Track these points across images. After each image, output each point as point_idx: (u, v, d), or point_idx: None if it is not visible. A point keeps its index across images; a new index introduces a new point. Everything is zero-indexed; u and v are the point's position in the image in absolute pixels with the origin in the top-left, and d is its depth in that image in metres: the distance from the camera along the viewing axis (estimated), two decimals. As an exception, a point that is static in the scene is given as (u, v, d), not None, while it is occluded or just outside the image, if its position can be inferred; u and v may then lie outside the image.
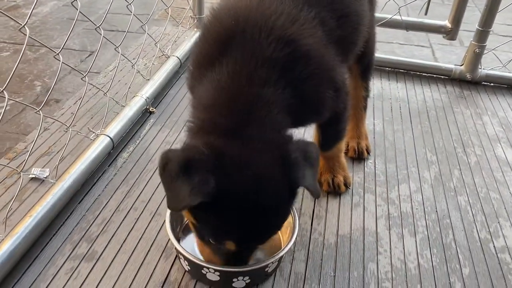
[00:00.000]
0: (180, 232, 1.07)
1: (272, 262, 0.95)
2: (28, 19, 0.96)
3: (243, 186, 0.77)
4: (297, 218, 1.04)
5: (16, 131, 1.71)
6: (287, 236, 1.04)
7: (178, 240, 1.02)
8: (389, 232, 1.15)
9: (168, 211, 1.01)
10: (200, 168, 0.74)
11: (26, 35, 0.95)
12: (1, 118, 0.92)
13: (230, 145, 0.79)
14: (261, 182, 0.78)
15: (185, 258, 0.94)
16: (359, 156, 1.39)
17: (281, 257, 0.97)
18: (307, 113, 0.96)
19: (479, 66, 1.90)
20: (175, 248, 0.96)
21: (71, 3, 1.15)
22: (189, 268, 0.96)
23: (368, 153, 1.41)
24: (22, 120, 1.78)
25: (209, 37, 0.91)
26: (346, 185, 1.27)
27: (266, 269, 0.96)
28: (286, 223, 1.01)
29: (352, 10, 1.06)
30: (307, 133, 1.46)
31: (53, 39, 2.50)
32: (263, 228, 0.83)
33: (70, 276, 0.97)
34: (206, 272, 0.91)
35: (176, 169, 0.75)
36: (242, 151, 0.79)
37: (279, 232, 1.03)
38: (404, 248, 1.11)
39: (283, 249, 0.96)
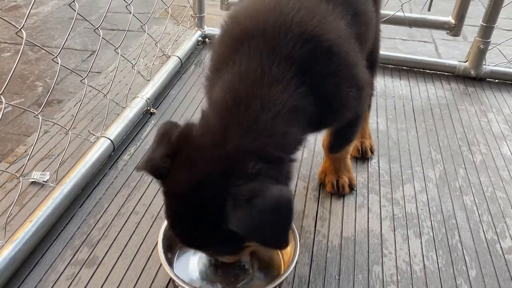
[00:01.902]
0: (175, 255, 1.00)
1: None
2: (25, 21, 0.95)
3: (177, 182, 0.76)
4: (298, 241, 0.96)
5: (17, 132, 1.70)
6: (288, 256, 0.97)
7: (172, 264, 0.97)
8: (394, 234, 1.14)
9: (161, 232, 0.94)
10: (165, 146, 0.77)
11: (23, 38, 0.94)
12: (3, 120, 0.91)
13: (194, 139, 0.77)
14: (191, 188, 0.74)
15: (178, 285, 0.87)
16: (362, 156, 1.38)
17: (281, 283, 0.90)
18: (327, 114, 0.90)
19: (484, 63, 1.87)
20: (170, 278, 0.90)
21: (69, 4, 1.13)
22: None
23: (372, 152, 1.39)
24: (23, 121, 1.77)
25: (227, 39, 0.88)
26: (351, 187, 1.25)
27: None
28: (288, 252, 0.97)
29: (363, 9, 1.04)
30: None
31: (54, 38, 2.49)
32: (184, 233, 0.79)
33: (71, 282, 0.96)
34: None
35: (156, 137, 0.80)
36: (198, 152, 0.76)
37: (280, 253, 1.01)
38: (409, 249, 1.09)
39: (282, 275, 0.90)
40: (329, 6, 0.90)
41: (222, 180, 0.72)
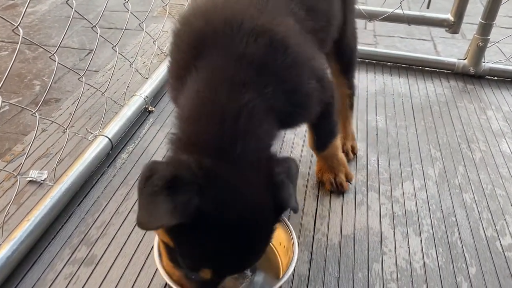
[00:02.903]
0: None
1: None
2: (22, 19, 0.94)
3: (229, 212, 0.71)
4: (296, 241, 0.96)
5: (15, 131, 1.69)
6: (286, 260, 0.96)
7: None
8: (394, 231, 1.13)
9: (157, 237, 0.90)
10: (186, 186, 0.69)
11: (20, 35, 0.93)
12: (1, 119, 0.90)
13: (218, 166, 0.73)
14: (248, 208, 0.73)
15: None
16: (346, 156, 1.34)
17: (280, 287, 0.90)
18: (296, 110, 0.89)
19: (483, 60, 1.87)
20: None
21: (66, 2, 1.12)
22: None
23: (355, 154, 1.38)
24: (21, 120, 1.76)
25: (182, 44, 0.87)
26: (349, 181, 1.25)
27: None
28: (285, 247, 0.98)
29: (319, 5, 1.02)
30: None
31: (52, 37, 2.48)
32: (245, 257, 0.77)
33: (70, 281, 0.95)
34: None
35: (161, 184, 0.68)
36: (231, 174, 0.73)
37: (278, 255, 1.01)
38: (409, 247, 1.09)
39: (281, 279, 0.89)
40: (278, 2, 0.89)
41: (267, 173, 0.76)
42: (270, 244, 0.97)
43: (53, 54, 1.07)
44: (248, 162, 0.75)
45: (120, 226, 1.09)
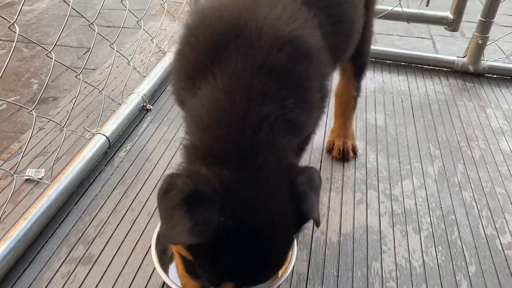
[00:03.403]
0: (168, 258, 0.96)
1: None
2: (18, 15, 0.93)
3: (252, 228, 0.69)
4: (295, 244, 0.94)
5: (13, 130, 1.68)
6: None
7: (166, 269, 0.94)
8: (393, 230, 1.13)
9: (154, 237, 0.92)
10: (207, 204, 0.66)
11: (16, 32, 0.92)
12: None
13: (240, 179, 0.70)
14: (269, 223, 0.70)
15: None
16: (343, 157, 1.35)
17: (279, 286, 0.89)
18: (307, 124, 0.85)
19: (482, 58, 1.86)
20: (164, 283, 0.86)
21: (64, 0, 1.11)
22: None
23: (355, 153, 1.37)
24: (19, 119, 1.75)
25: (197, 44, 0.81)
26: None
27: None
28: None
29: (347, 17, 1.00)
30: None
31: (49, 36, 2.46)
32: (267, 269, 0.76)
33: (67, 280, 0.94)
34: None
35: (179, 199, 0.65)
36: (253, 187, 0.71)
37: None
38: (408, 246, 1.09)
39: (280, 278, 0.88)
40: (310, 12, 0.85)
41: (287, 199, 0.73)
42: None
43: (50, 52, 1.07)
44: (269, 174, 0.73)
45: (118, 225, 1.08)
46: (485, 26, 1.79)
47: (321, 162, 1.34)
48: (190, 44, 0.83)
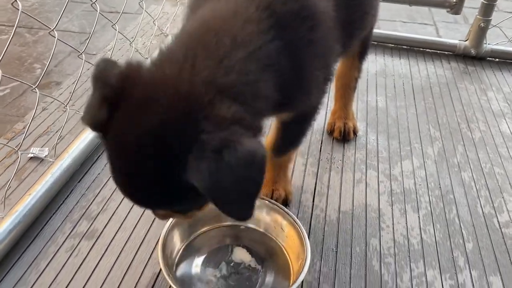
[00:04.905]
0: (176, 258, 0.95)
1: None
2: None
3: (119, 137, 0.64)
4: (309, 254, 0.89)
5: (16, 114, 1.70)
6: (298, 266, 0.91)
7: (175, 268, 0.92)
8: (392, 208, 1.14)
9: (162, 235, 0.90)
10: (101, 92, 0.63)
11: (19, 9, 0.93)
12: (2, 102, 0.90)
13: (145, 79, 0.64)
14: (139, 144, 0.62)
15: None
16: (344, 137, 1.36)
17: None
18: (294, 90, 0.78)
19: (484, 41, 1.86)
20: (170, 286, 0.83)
21: (65, -21, 1.12)
22: None
23: (355, 133, 1.38)
24: (22, 103, 1.76)
25: None
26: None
27: None
28: (296, 255, 0.93)
29: None
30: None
31: (52, 21, 2.45)
32: (134, 193, 0.69)
33: (71, 254, 0.96)
34: None
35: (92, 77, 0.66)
36: (147, 90, 0.63)
37: (289, 259, 0.96)
38: (407, 223, 1.10)
39: (294, 284, 0.85)
40: None
41: (187, 123, 0.60)
42: (281, 247, 0.97)
43: (53, 30, 1.08)
44: (180, 86, 0.62)
45: (121, 202, 1.10)
46: (487, 9, 1.78)
47: (321, 143, 1.35)
48: None
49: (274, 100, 0.72)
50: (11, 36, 0.98)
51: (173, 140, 0.61)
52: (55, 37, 1.09)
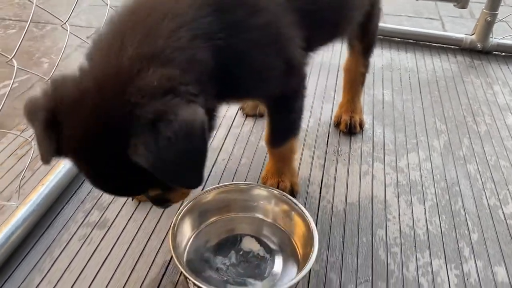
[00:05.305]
0: (187, 246, 0.96)
1: (291, 286, 0.86)
2: (34, -14, 0.96)
3: (75, 151, 0.65)
4: (316, 242, 0.90)
5: (25, 107, 1.72)
6: (305, 255, 0.92)
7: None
8: (398, 200, 1.15)
9: (172, 224, 0.90)
10: (38, 124, 0.62)
11: (33, 2, 0.95)
12: (10, 95, 0.92)
13: (70, 84, 0.63)
14: (89, 135, 0.62)
15: (195, 284, 0.82)
16: (350, 131, 1.37)
17: (298, 282, 0.87)
18: (246, 76, 0.77)
19: (490, 35, 1.86)
20: (182, 272, 0.85)
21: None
22: None
23: (361, 127, 1.38)
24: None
25: None
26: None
27: None
28: (304, 244, 0.94)
29: None
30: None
31: (59, 15, 2.48)
32: (108, 186, 0.70)
33: (84, 242, 0.99)
34: None
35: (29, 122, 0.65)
36: (79, 90, 0.62)
37: (297, 248, 0.97)
38: (413, 215, 1.11)
39: (302, 272, 0.85)
40: None
41: (121, 102, 0.59)
42: (289, 236, 0.99)
43: (65, 23, 1.09)
44: (105, 75, 0.61)
45: (131, 192, 1.12)
46: (494, 3, 1.78)
47: (328, 136, 1.37)
48: None
49: (213, 69, 0.68)
50: (26, 29, 1.00)
51: (115, 123, 0.59)
52: (67, 30, 1.11)
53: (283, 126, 1.03)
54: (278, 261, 0.95)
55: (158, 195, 0.79)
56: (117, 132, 0.59)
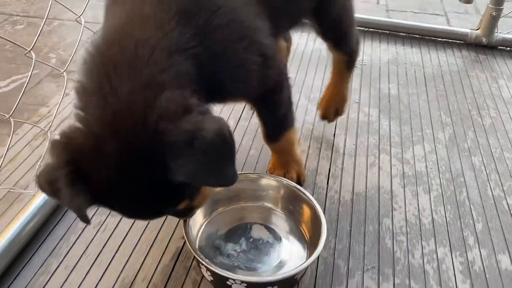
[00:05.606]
0: (199, 233, 1.00)
1: (301, 271, 0.89)
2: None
3: (108, 188, 0.66)
4: (325, 229, 0.93)
5: (34, 103, 1.74)
6: (313, 243, 0.95)
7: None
8: (404, 190, 1.18)
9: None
10: (64, 182, 0.62)
11: (49, -4, 0.97)
12: (19, 90, 0.95)
13: (85, 128, 0.65)
14: (124, 181, 0.65)
15: (208, 269, 0.86)
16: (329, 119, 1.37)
17: (306, 268, 0.90)
18: (228, 79, 0.79)
19: (496, 30, 1.88)
20: (194, 257, 0.88)
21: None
22: (212, 279, 0.89)
23: (338, 115, 1.36)
24: (39, 92, 1.81)
25: None
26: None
27: (295, 277, 0.90)
28: (312, 232, 0.97)
29: None
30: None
31: (65, 11, 2.51)
32: (144, 212, 0.74)
33: (99, 229, 1.01)
34: (232, 284, 0.85)
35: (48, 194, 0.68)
36: (94, 136, 0.63)
37: (305, 236, 1.00)
38: (418, 205, 1.14)
39: (311, 258, 0.88)
40: None
41: (147, 134, 0.62)
42: (298, 224, 1.02)
43: (79, 16, 1.12)
44: (123, 115, 0.63)
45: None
46: (499, -3, 1.80)
47: (335, 128, 1.39)
48: None
49: (197, 77, 0.71)
50: (41, 23, 1.02)
51: (148, 155, 0.63)
52: (81, 24, 1.14)
53: (275, 121, 1.03)
54: (287, 248, 0.98)
55: (186, 205, 0.82)
56: (153, 162, 0.63)
